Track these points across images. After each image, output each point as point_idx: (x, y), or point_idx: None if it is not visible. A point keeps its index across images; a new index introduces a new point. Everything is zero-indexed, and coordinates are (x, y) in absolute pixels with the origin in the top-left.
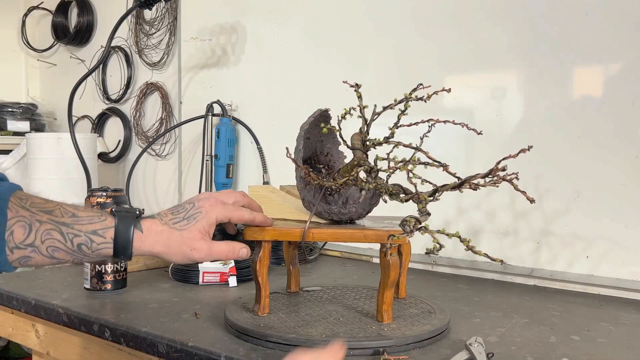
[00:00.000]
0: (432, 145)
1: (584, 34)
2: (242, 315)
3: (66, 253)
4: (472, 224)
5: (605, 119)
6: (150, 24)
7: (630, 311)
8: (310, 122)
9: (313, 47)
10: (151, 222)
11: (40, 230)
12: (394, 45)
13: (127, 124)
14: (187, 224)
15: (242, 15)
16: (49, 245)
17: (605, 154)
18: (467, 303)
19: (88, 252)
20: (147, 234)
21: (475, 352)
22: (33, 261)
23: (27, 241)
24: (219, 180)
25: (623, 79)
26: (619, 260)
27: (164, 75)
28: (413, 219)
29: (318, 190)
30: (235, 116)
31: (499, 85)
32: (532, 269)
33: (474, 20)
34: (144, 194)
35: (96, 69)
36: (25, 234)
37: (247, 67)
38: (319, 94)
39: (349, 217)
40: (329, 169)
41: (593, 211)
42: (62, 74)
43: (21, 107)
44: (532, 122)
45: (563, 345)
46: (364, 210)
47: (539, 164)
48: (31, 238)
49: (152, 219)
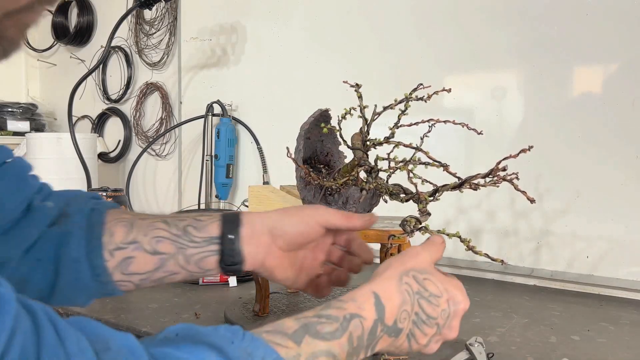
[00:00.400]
0: (432, 146)
1: (584, 34)
2: (242, 315)
3: (171, 242)
4: (472, 224)
5: (605, 119)
6: (150, 24)
7: (630, 311)
8: (311, 122)
9: (313, 47)
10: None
11: (142, 225)
12: (394, 45)
13: (127, 124)
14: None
15: (242, 15)
16: (152, 236)
17: (605, 154)
18: None
19: (194, 233)
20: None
21: (475, 352)
22: (134, 263)
23: (129, 238)
24: (219, 180)
25: (623, 79)
26: (619, 260)
27: (164, 75)
28: (413, 219)
29: (318, 190)
30: (235, 116)
31: (499, 85)
32: (532, 269)
33: (474, 20)
34: (144, 194)
35: (96, 69)
36: (127, 232)
37: (247, 67)
38: (319, 94)
39: None
40: (329, 169)
41: (593, 211)
42: (62, 74)
43: (21, 107)
44: (532, 122)
45: (563, 345)
46: (364, 210)
47: (539, 164)
48: (133, 234)
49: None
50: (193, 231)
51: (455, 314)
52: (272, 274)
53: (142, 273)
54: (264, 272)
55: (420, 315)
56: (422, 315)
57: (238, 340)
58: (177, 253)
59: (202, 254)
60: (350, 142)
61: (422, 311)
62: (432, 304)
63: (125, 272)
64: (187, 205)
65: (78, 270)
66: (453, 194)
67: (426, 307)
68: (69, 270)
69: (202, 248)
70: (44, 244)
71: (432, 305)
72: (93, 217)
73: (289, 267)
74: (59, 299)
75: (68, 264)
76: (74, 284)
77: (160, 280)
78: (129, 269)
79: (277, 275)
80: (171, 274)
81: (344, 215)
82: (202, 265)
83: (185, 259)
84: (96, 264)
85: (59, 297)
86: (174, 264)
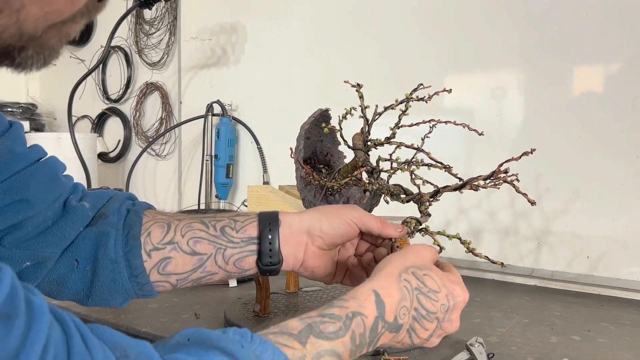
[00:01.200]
0: (432, 146)
1: (585, 34)
2: (242, 316)
3: (209, 243)
4: (473, 224)
5: (606, 118)
6: (150, 23)
7: (630, 311)
8: (311, 122)
9: (313, 47)
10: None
11: (180, 225)
12: (394, 45)
13: (127, 124)
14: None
15: (242, 15)
16: (190, 237)
17: (606, 154)
18: (468, 303)
19: (232, 232)
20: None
21: (475, 353)
22: (172, 264)
23: (166, 239)
24: (219, 180)
25: (623, 79)
26: (619, 260)
27: (164, 75)
28: (414, 219)
29: (319, 190)
30: (235, 116)
31: (499, 85)
32: (533, 269)
33: (475, 20)
34: (143, 194)
35: (96, 69)
36: (164, 232)
37: (247, 67)
38: (319, 94)
39: None
40: (329, 169)
41: (593, 211)
42: (62, 73)
43: (21, 107)
44: (533, 122)
45: (563, 346)
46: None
47: (539, 164)
48: (170, 235)
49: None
50: (231, 232)
51: (455, 307)
52: (313, 273)
53: (180, 273)
54: (304, 271)
55: (420, 311)
56: (422, 311)
57: (247, 343)
58: (216, 253)
59: (241, 254)
60: (352, 142)
61: (422, 306)
62: (431, 299)
63: (163, 273)
64: (187, 205)
65: (116, 271)
66: (453, 194)
67: (425, 302)
68: (106, 271)
69: (241, 248)
70: (81, 244)
71: (431, 300)
72: (130, 217)
73: (330, 265)
74: (95, 300)
75: (106, 265)
76: (111, 285)
77: (198, 280)
78: (167, 269)
79: (319, 274)
80: (209, 274)
81: (380, 222)
82: (240, 265)
83: (223, 260)
84: (134, 265)
85: (96, 298)
86: (213, 264)
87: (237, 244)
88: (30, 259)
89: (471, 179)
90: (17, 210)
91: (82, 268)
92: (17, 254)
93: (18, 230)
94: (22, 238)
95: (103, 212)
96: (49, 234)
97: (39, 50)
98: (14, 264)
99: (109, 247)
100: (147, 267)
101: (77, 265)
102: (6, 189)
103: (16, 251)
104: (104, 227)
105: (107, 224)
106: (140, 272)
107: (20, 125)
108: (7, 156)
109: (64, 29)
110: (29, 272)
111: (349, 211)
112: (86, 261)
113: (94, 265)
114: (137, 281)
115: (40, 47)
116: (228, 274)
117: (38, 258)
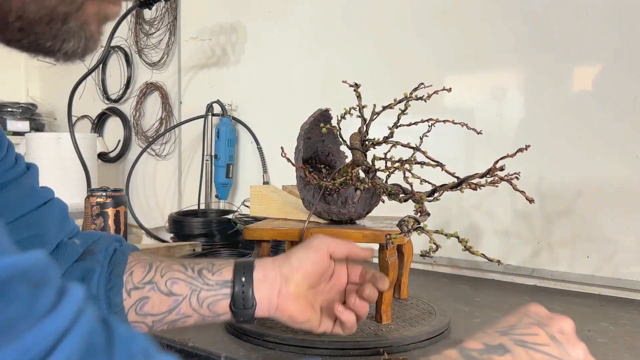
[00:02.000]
0: (432, 146)
1: (585, 33)
2: None
3: (185, 284)
4: (473, 224)
5: (606, 118)
6: (150, 23)
7: (630, 311)
8: (311, 122)
9: (313, 47)
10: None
11: (160, 267)
12: (394, 45)
13: (127, 124)
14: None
15: (242, 15)
16: (168, 278)
17: (606, 154)
18: (468, 303)
19: (208, 275)
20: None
21: None
22: (149, 304)
23: (146, 279)
24: (219, 180)
25: (623, 79)
26: (619, 261)
27: (164, 75)
28: (412, 219)
29: (317, 190)
30: (235, 116)
31: (499, 85)
32: (533, 269)
33: (474, 20)
34: (143, 194)
35: (96, 69)
36: (145, 272)
37: (247, 67)
38: (319, 94)
39: (348, 217)
40: (330, 169)
41: (594, 211)
42: (62, 74)
43: (21, 107)
44: (533, 121)
45: None
46: (363, 210)
47: (539, 164)
48: (150, 275)
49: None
50: (207, 274)
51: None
52: (292, 317)
53: (156, 314)
54: (280, 316)
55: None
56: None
57: None
58: (191, 295)
59: (215, 297)
60: (349, 142)
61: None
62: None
63: (140, 313)
64: (187, 205)
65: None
66: (453, 194)
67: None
68: None
69: (215, 291)
70: (67, 279)
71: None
72: (116, 256)
73: (309, 308)
74: None
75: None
76: None
77: (172, 323)
78: (144, 310)
79: (298, 318)
80: (184, 316)
81: (347, 243)
82: (214, 309)
83: (198, 302)
84: (114, 302)
85: None
86: (187, 306)
87: (212, 286)
88: None
89: (467, 177)
90: (32, 244)
91: None
92: None
93: None
94: None
95: (92, 248)
96: None
97: (80, 26)
98: None
99: (92, 283)
100: (126, 306)
101: None
102: (26, 223)
103: None
104: (90, 264)
105: (93, 261)
106: (119, 309)
107: (37, 166)
108: (29, 192)
109: (103, 7)
110: None
111: (314, 240)
112: None
113: None
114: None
115: (81, 23)
116: (202, 318)
117: None
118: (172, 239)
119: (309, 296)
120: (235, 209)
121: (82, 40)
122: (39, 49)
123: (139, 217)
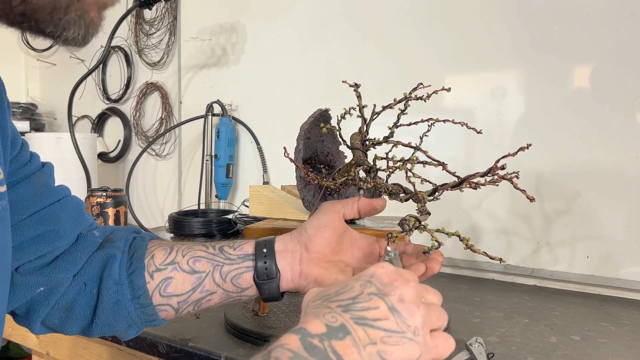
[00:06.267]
0: (432, 146)
1: (585, 33)
2: (242, 315)
3: (207, 260)
4: (473, 223)
5: (606, 118)
6: (150, 23)
7: (630, 311)
8: (310, 122)
9: (313, 47)
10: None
11: (181, 248)
12: (394, 44)
13: (127, 124)
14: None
15: (242, 15)
16: (190, 257)
17: (606, 154)
18: (468, 303)
19: (230, 250)
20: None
21: (475, 353)
22: (173, 284)
23: (168, 260)
24: (219, 180)
25: (623, 79)
26: (619, 260)
27: (164, 75)
28: (413, 218)
29: (318, 190)
30: (235, 116)
31: (499, 85)
32: (533, 269)
33: (474, 20)
34: (143, 194)
35: (96, 69)
36: (166, 254)
37: (247, 67)
38: (319, 94)
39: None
40: (330, 169)
41: (593, 211)
42: (62, 74)
43: (21, 107)
44: (533, 121)
45: (563, 346)
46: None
47: (539, 164)
48: (172, 256)
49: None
50: (229, 250)
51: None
52: (318, 280)
53: (180, 294)
54: (307, 283)
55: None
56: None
57: None
58: (214, 270)
59: (238, 271)
60: (350, 142)
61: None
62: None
63: (164, 294)
64: (187, 205)
65: (119, 292)
66: (454, 193)
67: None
68: (110, 292)
69: (237, 265)
70: (89, 267)
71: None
72: (136, 242)
73: (336, 271)
74: (100, 326)
75: (110, 286)
76: (114, 308)
77: (197, 303)
78: (167, 290)
79: (325, 280)
80: (208, 293)
81: (355, 200)
82: (238, 282)
83: (221, 277)
84: (137, 285)
85: (100, 323)
86: (211, 282)
87: (234, 260)
88: (44, 284)
89: (468, 176)
90: (48, 240)
91: (89, 291)
92: (32, 280)
93: (39, 259)
94: (37, 266)
95: (110, 237)
96: (62, 259)
97: (80, 15)
98: (28, 290)
99: (114, 268)
100: (150, 289)
101: (85, 288)
102: (40, 219)
103: (30, 277)
104: (111, 250)
105: (114, 247)
106: (142, 292)
107: (52, 164)
108: (43, 189)
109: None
110: (42, 298)
111: (323, 206)
112: (93, 283)
113: (99, 287)
114: (139, 302)
115: (81, 12)
116: (227, 295)
117: (51, 283)
118: (172, 239)
119: (334, 260)
120: (235, 209)
121: (82, 27)
122: (39, 33)
123: (139, 217)
